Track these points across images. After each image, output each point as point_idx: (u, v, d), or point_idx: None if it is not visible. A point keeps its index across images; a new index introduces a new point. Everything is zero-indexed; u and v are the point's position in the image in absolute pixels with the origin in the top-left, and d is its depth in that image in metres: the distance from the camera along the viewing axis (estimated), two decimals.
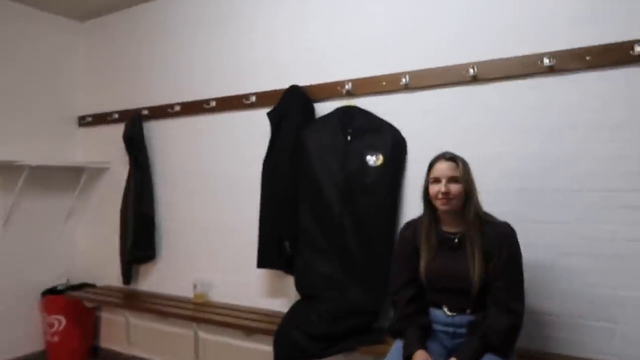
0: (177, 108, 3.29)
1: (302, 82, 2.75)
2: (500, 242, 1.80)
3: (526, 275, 1.85)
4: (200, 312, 2.89)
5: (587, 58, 2.04)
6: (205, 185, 3.21)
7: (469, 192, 1.84)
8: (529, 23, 2.19)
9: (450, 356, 1.78)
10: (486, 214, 1.89)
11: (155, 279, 3.44)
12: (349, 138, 2.54)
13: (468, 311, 1.86)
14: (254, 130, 2.94)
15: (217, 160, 3.15)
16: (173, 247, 3.37)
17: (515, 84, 2.21)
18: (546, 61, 2.10)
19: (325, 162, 2.54)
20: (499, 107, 2.25)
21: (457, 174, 1.84)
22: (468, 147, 2.09)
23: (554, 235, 2.11)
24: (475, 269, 1.79)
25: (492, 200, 2.00)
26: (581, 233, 2.06)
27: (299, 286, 2.55)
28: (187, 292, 3.17)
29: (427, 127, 2.42)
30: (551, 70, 2.12)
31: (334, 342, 2.21)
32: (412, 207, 2.39)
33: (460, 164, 1.86)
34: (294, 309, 2.49)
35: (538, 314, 2.12)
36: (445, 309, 1.90)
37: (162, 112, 3.36)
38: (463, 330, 1.86)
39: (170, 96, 3.34)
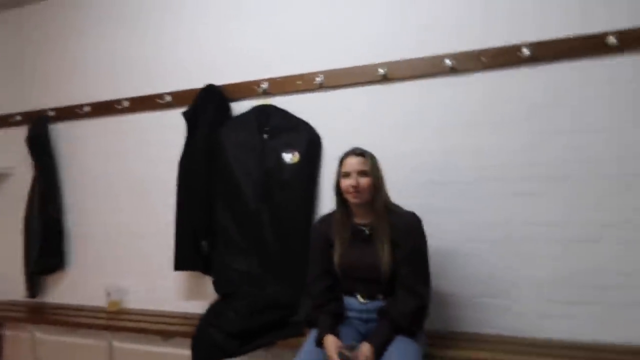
0: (87, 109, 3.15)
1: (218, 81, 2.76)
2: (407, 231, 1.91)
3: (433, 260, 1.98)
4: (114, 321, 2.78)
5: (483, 59, 2.23)
6: (118, 189, 3.10)
7: (377, 185, 1.94)
8: (434, 26, 2.35)
9: (363, 340, 1.85)
10: (394, 205, 2.00)
11: (64, 290, 3.26)
12: (265, 136, 2.57)
13: (380, 297, 1.96)
14: (169, 131, 2.89)
15: (130, 162, 3.06)
16: (84, 254, 3.21)
17: (421, 84, 2.37)
18: (447, 62, 2.27)
19: (242, 160, 2.56)
20: (407, 105, 2.40)
21: (366, 168, 1.93)
22: (380, 144, 2.20)
23: (458, 223, 2.27)
24: (385, 258, 1.88)
25: (403, 193, 2.13)
26: (481, 220, 2.24)
27: (217, 285, 2.54)
28: (101, 301, 3.04)
29: (341, 125, 2.52)
30: (452, 71, 2.29)
31: (251, 338, 2.22)
32: (327, 203, 2.47)
33: (369, 159, 1.96)
34: (212, 308, 2.47)
35: (443, 296, 2.27)
36: (359, 297, 1.98)
37: (70, 113, 3.20)
38: (375, 316, 1.95)
39: (79, 96, 3.20)
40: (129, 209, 3.06)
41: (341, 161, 2.00)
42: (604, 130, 2.07)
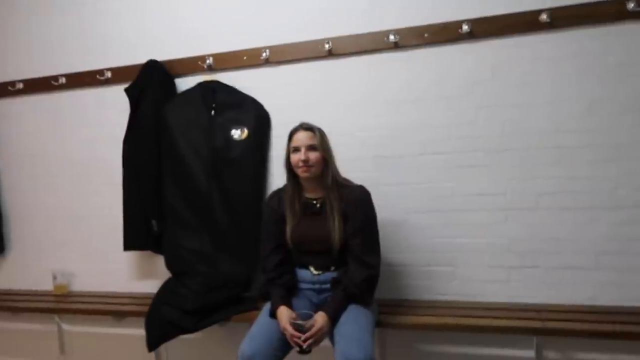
0: (20, 86, 2.98)
1: (161, 56, 2.67)
2: (356, 204, 1.97)
3: (382, 232, 2.05)
4: (62, 303, 2.72)
5: (426, 35, 2.27)
6: (58, 169, 2.98)
7: (326, 159, 1.98)
8: (379, 2, 2.35)
9: (317, 311, 1.91)
10: (344, 179, 2.05)
11: (6, 275, 3.14)
12: (212, 113, 2.54)
13: (332, 268, 2.02)
14: (111, 109, 2.80)
15: (70, 141, 2.94)
16: (25, 238, 3.10)
17: (367, 59, 2.39)
18: (392, 37, 2.30)
19: (190, 137, 2.52)
20: (353, 81, 2.42)
21: (314, 142, 1.96)
22: (327, 120, 2.23)
23: (404, 195, 2.35)
24: (336, 231, 1.93)
25: (351, 167, 2.18)
26: (426, 192, 2.32)
27: (168, 264, 2.52)
28: (47, 286, 2.96)
29: (289, 101, 2.51)
30: (396, 46, 2.32)
31: (206, 314, 2.24)
32: (277, 180, 2.49)
33: (317, 133, 1.99)
34: (164, 286, 2.46)
35: (393, 266, 2.36)
36: (312, 269, 2.04)
37: (1, 90, 3.02)
38: (328, 286, 2.01)
39: (11, 72, 3.02)
40: (70, 190, 2.96)
41: (290, 136, 2.02)
42: (540, 105, 2.17)
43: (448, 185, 2.29)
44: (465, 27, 2.20)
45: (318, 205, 2.01)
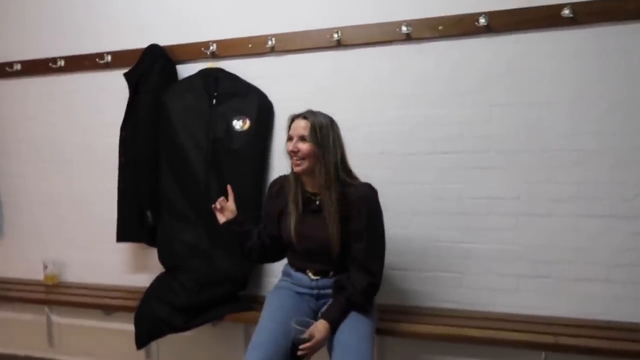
0: (18, 67, 2.88)
1: (163, 41, 2.56)
2: (360, 203, 1.79)
3: (386, 234, 1.90)
4: (52, 294, 2.63)
5: (440, 27, 2.15)
6: (55, 155, 2.89)
7: (319, 153, 1.76)
8: None
9: (317, 317, 1.80)
10: (349, 176, 1.86)
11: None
12: (214, 102, 2.43)
13: (331, 274, 1.89)
14: (110, 94, 2.70)
15: (68, 126, 2.85)
16: (18, 224, 3.01)
17: (377, 51, 2.27)
18: (404, 29, 2.18)
19: (189, 126, 2.41)
20: (361, 73, 2.30)
21: (305, 133, 1.76)
22: (334, 111, 2.05)
23: (411, 196, 2.23)
24: (333, 235, 1.77)
25: (356, 163, 2.03)
26: (433, 193, 2.20)
27: (162, 257, 2.42)
28: (38, 274, 2.86)
29: (294, 92, 2.40)
30: (408, 38, 2.20)
31: (198, 313, 2.14)
32: (279, 173, 2.36)
33: (312, 123, 1.77)
34: (156, 281, 2.35)
35: (395, 270, 2.25)
36: (310, 273, 1.91)
37: None
38: (327, 292, 1.88)
39: (9, 53, 2.92)
40: (66, 177, 2.87)
41: (289, 123, 1.87)
42: (557, 104, 2.05)
43: (458, 187, 2.17)
44: (482, 20, 2.08)
45: (317, 202, 1.87)
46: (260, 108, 2.39)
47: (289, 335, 1.67)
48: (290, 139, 1.82)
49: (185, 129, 2.41)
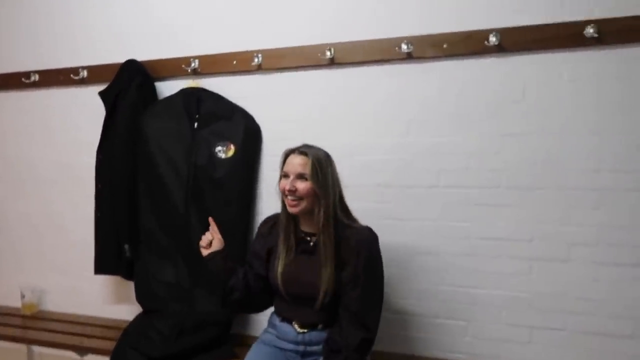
0: None
1: (142, 56, 2.34)
2: (358, 249, 1.61)
3: (385, 273, 1.69)
4: (29, 330, 2.43)
5: (445, 46, 1.91)
6: (32, 175, 2.70)
7: (319, 193, 1.61)
8: (388, 3, 2.00)
9: None
10: (348, 217, 1.69)
11: None
12: (195, 125, 2.21)
13: (320, 326, 1.69)
14: (87, 110, 2.49)
15: (43, 145, 2.65)
16: None
17: (374, 70, 2.04)
18: (404, 47, 1.94)
19: (169, 152, 2.20)
20: (357, 94, 2.07)
21: (305, 171, 1.60)
22: (326, 137, 1.91)
23: (412, 233, 2.01)
24: (324, 280, 1.59)
25: (351, 195, 1.83)
26: (437, 231, 1.98)
27: (139, 298, 2.23)
28: (16, 301, 2.69)
29: (283, 114, 2.18)
30: (409, 57, 1.96)
31: None
32: (267, 204, 2.18)
33: (312, 160, 1.60)
34: (133, 324, 2.16)
35: (395, 314, 2.04)
36: (296, 325, 1.72)
37: None
38: (314, 348, 1.69)
39: None
40: (46, 198, 2.68)
41: (284, 158, 1.68)
42: (580, 136, 1.80)
43: (464, 225, 1.95)
44: (492, 38, 1.83)
45: (312, 243, 1.68)
46: (246, 131, 2.17)
47: None
48: (285, 176, 1.63)
49: (163, 155, 2.19)
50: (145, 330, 2.05)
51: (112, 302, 2.55)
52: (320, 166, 1.61)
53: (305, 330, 1.70)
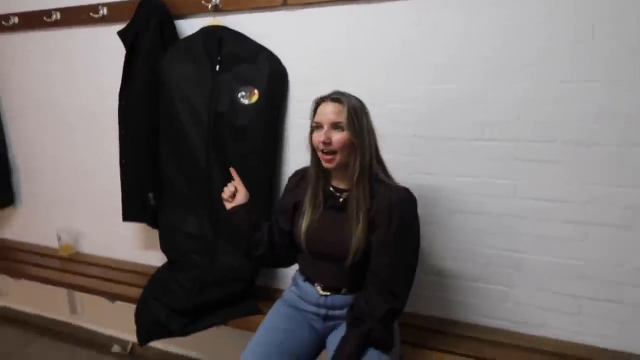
0: (14, 20, 2.59)
1: None
2: (392, 208, 1.45)
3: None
4: (65, 274, 2.44)
5: None
6: (61, 119, 2.64)
7: (357, 144, 1.44)
8: None
9: (322, 341, 1.60)
10: (385, 175, 1.53)
11: (17, 227, 2.96)
12: (217, 68, 2.04)
13: (344, 290, 1.58)
14: (109, 53, 2.36)
15: (71, 88, 2.56)
16: (34, 190, 2.86)
17: (413, 4, 1.77)
18: None
19: (188, 98, 2.05)
20: (393, 32, 1.82)
21: (341, 119, 1.44)
22: (356, 81, 1.76)
23: (450, 189, 1.81)
24: (355, 237, 1.46)
25: (383, 146, 1.65)
26: (479, 189, 1.77)
27: (163, 248, 2.18)
28: (54, 242, 2.73)
29: (311, 55, 1.97)
30: None
31: (198, 316, 1.90)
32: (294, 154, 2.03)
33: (347, 107, 1.44)
34: (157, 274, 2.13)
35: (431, 275, 1.89)
36: (318, 287, 1.61)
37: None
38: (337, 312, 1.59)
39: (6, 4, 2.62)
40: (76, 143, 2.63)
41: (314, 107, 1.52)
42: None
43: (509, 183, 1.72)
44: None
45: (342, 199, 1.53)
46: (272, 75, 1.98)
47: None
48: (318, 127, 1.47)
49: (183, 101, 2.05)
50: (167, 281, 2.01)
51: (143, 247, 2.53)
52: (356, 114, 1.45)
53: (328, 294, 1.60)
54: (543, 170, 1.67)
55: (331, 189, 1.56)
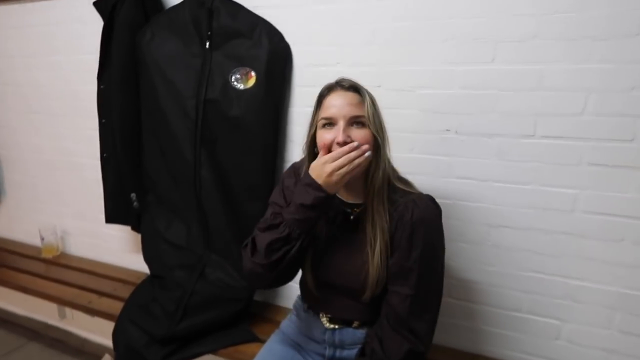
0: None
1: None
2: (416, 228, 1.12)
3: (450, 248, 1.25)
4: (48, 282, 2.16)
5: None
6: (42, 104, 2.35)
7: (381, 144, 1.12)
8: None
9: None
10: (401, 181, 1.21)
11: (1, 221, 2.70)
12: (207, 45, 1.70)
13: (356, 324, 1.27)
14: (90, 28, 2.03)
15: (53, 68, 2.26)
16: (17, 184, 2.59)
17: None
18: None
19: (173, 83, 1.72)
20: (414, 5, 1.44)
21: (362, 113, 1.10)
22: (377, 62, 1.42)
23: (490, 198, 1.45)
24: (372, 267, 1.14)
25: (403, 144, 1.33)
26: (528, 198, 1.40)
27: (146, 257, 1.88)
28: (38, 238, 2.46)
29: (320, 31, 1.61)
30: None
31: (182, 345, 1.59)
32: (297, 151, 1.68)
33: (368, 98, 1.12)
34: (137, 292, 1.82)
35: (460, 300, 1.55)
36: (323, 319, 1.29)
37: None
38: (345, 354, 1.28)
39: None
40: (59, 131, 2.34)
41: (320, 99, 1.16)
42: None
43: (569, 193, 1.36)
44: None
45: (352, 216, 1.20)
46: (271, 53, 1.63)
47: None
48: (329, 123, 1.11)
49: (167, 86, 1.72)
50: (148, 302, 1.71)
51: (132, 250, 2.24)
52: (375, 106, 1.14)
53: (336, 327, 1.28)
54: (614, 177, 1.29)
55: (341, 205, 1.22)
